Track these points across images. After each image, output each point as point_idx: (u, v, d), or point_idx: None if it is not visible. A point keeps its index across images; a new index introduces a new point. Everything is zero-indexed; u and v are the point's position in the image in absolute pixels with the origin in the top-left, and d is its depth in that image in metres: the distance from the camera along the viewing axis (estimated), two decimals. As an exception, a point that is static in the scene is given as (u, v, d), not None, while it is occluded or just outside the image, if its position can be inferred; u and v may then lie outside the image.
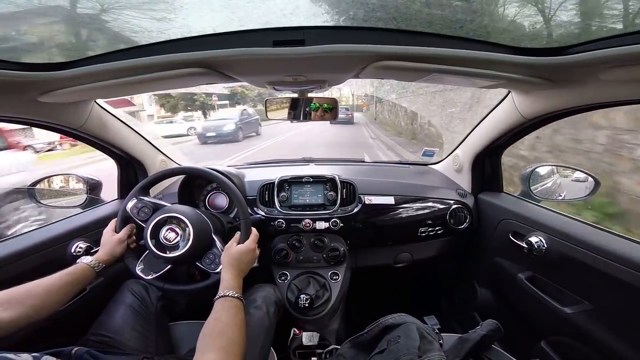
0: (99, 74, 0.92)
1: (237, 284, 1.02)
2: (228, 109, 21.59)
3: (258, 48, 0.83)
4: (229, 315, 0.90)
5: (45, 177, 1.54)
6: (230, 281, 1.01)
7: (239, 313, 0.93)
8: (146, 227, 1.16)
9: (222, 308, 0.92)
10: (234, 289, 0.98)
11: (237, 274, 1.05)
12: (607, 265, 1.01)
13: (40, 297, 0.92)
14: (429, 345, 0.96)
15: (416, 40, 0.86)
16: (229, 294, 0.96)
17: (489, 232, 1.60)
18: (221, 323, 0.88)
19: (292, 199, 1.62)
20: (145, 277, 1.18)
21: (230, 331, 0.86)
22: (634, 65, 0.74)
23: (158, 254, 1.14)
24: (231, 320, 0.89)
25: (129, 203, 1.24)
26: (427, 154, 2.15)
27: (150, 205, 1.24)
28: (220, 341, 0.82)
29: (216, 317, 0.90)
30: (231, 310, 0.92)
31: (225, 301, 0.95)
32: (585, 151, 3.40)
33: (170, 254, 1.14)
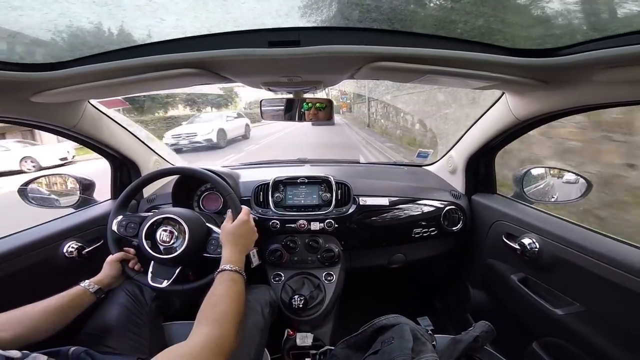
0: (92, 74, 0.92)
1: (235, 258, 1.03)
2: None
3: (253, 49, 0.83)
4: (224, 288, 0.92)
5: (38, 177, 1.53)
6: (228, 256, 1.03)
7: (235, 285, 0.94)
8: (141, 229, 1.16)
9: (219, 282, 0.94)
10: (232, 263, 1.00)
11: (236, 249, 1.07)
12: (598, 267, 1.02)
13: (36, 319, 0.92)
14: (422, 346, 0.96)
15: (411, 41, 0.86)
16: (227, 268, 0.98)
17: (482, 233, 1.61)
18: (215, 296, 0.89)
19: (286, 199, 1.62)
20: (160, 286, 1.17)
21: (224, 302, 0.87)
22: (627, 67, 0.75)
23: (154, 255, 1.14)
24: (225, 292, 0.91)
25: (113, 223, 1.23)
26: (421, 155, 2.15)
27: (136, 220, 1.23)
28: (213, 313, 0.84)
29: (212, 291, 0.91)
30: (226, 283, 0.94)
31: (222, 275, 0.97)
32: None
33: (166, 255, 1.14)
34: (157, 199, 1.70)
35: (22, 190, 1.47)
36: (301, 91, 1.31)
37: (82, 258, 1.33)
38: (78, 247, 1.32)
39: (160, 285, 1.17)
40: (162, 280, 1.17)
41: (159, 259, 1.15)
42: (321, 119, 1.36)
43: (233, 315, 0.85)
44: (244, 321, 0.92)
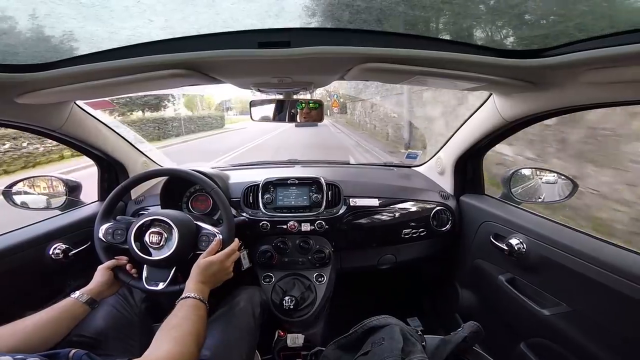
0: (79, 75, 0.90)
1: (198, 289, 1.02)
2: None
3: (243, 49, 0.83)
4: (185, 312, 0.92)
5: (23, 179, 1.50)
6: (192, 287, 1.02)
7: (197, 310, 0.94)
8: (129, 234, 1.15)
9: (180, 307, 0.95)
10: (196, 292, 1.00)
11: (200, 282, 1.05)
12: (584, 267, 1.03)
13: (29, 333, 0.90)
14: (412, 347, 0.97)
15: (401, 42, 0.87)
16: (190, 295, 0.98)
17: (470, 234, 1.62)
18: (176, 318, 0.90)
19: (277, 200, 1.61)
20: (156, 289, 1.15)
21: (185, 324, 0.87)
22: (612, 68, 0.76)
23: (145, 258, 1.13)
24: (186, 315, 0.91)
25: (100, 232, 1.20)
26: (410, 156, 2.17)
27: (123, 226, 1.20)
28: (174, 332, 0.84)
29: (173, 313, 0.92)
30: (188, 308, 0.94)
31: (184, 301, 0.97)
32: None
33: (157, 256, 1.12)
34: (146, 200, 1.68)
35: (7, 192, 1.44)
36: (291, 92, 1.31)
37: (68, 260, 1.31)
38: (64, 249, 1.31)
39: (156, 288, 1.15)
40: (157, 283, 1.15)
41: (151, 261, 1.13)
42: (312, 119, 1.36)
43: (194, 336, 0.86)
44: (203, 345, 0.92)
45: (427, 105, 7.95)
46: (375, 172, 2.15)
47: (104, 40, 0.91)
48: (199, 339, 0.88)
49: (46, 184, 1.57)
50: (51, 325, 0.95)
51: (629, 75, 0.76)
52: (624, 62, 0.73)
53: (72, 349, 0.85)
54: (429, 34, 0.94)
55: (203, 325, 0.93)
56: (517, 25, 0.94)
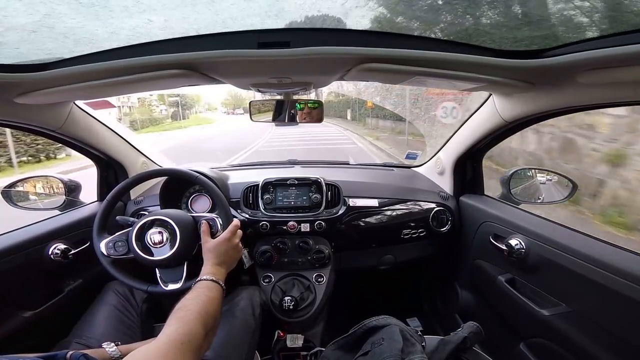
0: (78, 75, 0.90)
1: (211, 271, 1.01)
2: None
3: (242, 50, 0.83)
4: (195, 293, 0.91)
5: (23, 179, 1.50)
6: (208, 270, 1.01)
7: (208, 291, 0.93)
8: (131, 231, 1.14)
9: (193, 289, 0.93)
10: (210, 274, 0.98)
11: (215, 264, 1.05)
12: (583, 268, 1.03)
13: None
14: (412, 347, 0.97)
15: (400, 42, 0.87)
16: (204, 277, 0.97)
17: (470, 234, 1.62)
18: (185, 299, 0.87)
19: (276, 201, 1.61)
20: (177, 287, 1.14)
21: (192, 304, 0.85)
22: (611, 68, 0.76)
23: (144, 257, 1.12)
24: (196, 296, 0.89)
25: (101, 248, 1.17)
26: (410, 156, 2.17)
27: (123, 237, 1.17)
28: (179, 313, 0.81)
29: (185, 296, 0.90)
30: (199, 290, 0.92)
31: (198, 284, 0.96)
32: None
33: (157, 257, 1.12)
34: (145, 200, 1.68)
35: (6, 192, 1.44)
36: (291, 92, 1.31)
37: (67, 260, 1.31)
38: (64, 249, 1.30)
39: (176, 286, 1.14)
40: (174, 282, 1.15)
41: (158, 262, 1.13)
42: (312, 120, 1.36)
43: (201, 315, 0.82)
44: (216, 326, 0.89)
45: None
46: (374, 172, 2.15)
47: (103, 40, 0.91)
48: (207, 319, 0.83)
49: (45, 184, 1.57)
50: None
51: (628, 76, 0.76)
52: (623, 62, 0.73)
53: (69, 351, 0.84)
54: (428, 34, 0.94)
55: (214, 305, 0.89)
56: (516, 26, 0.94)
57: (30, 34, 0.89)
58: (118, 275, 1.16)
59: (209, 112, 39.05)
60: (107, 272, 1.17)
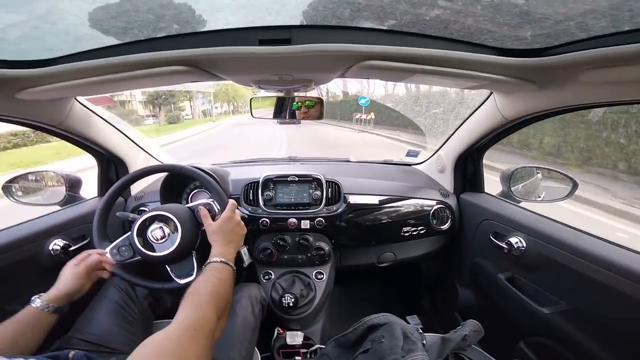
0: (80, 71, 0.90)
1: (220, 252, 1.01)
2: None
3: (243, 46, 0.83)
4: (206, 276, 0.90)
5: (23, 174, 1.50)
6: (217, 251, 1.02)
7: (218, 272, 0.92)
8: (132, 226, 1.14)
9: (203, 272, 0.93)
10: (219, 255, 0.99)
11: (224, 244, 1.05)
12: (583, 266, 1.03)
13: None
14: (412, 345, 0.97)
15: (401, 40, 0.87)
16: (213, 260, 0.97)
17: (470, 232, 1.63)
18: (196, 284, 0.87)
19: (276, 198, 1.61)
20: (192, 278, 1.13)
21: (203, 288, 0.84)
22: (613, 67, 0.76)
23: (149, 254, 1.12)
24: (206, 278, 0.89)
25: (108, 256, 1.14)
26: (411, 154, 2.17)
27: (126, 242, 1.15)
28: (191, 299, 0.80)
29: (195, 280, 0.89)
30: (209, 272, 0.92)
31: (207, 266, 0.96)
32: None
33: (161, 252, 1.12)
34: (145, 196, 1.68)
35: (7, 187, 1.44)
36: (292, 89, 1.31)
37: (67, 256, 1.31)
38: (64, 245, 1.30)
39: (191, 278, 1.14)
40: (187, 275, 1.15)
41: (163, 257, 1.13)
42: (312, 117, 1.36)
43: (213, 298, 0.81)
44: (228, 308, 0.88)
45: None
46: (375, 169, 2.15)
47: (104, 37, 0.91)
48: (219, 301, 0.82)
49: (46, 179, 1.57)
50: (18, 339, 0.87)
51: (629, 74, 0.76)
52: (625, 61, 0.73)
53: (71, 350, 0.84)
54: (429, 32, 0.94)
55: (225, 287, 0.89)
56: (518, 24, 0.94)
57: (32, 30, 0.89)
58: (131, 278, 1.15)
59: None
60: (122, 278, 1.15)
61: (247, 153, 9.38)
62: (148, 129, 21.06)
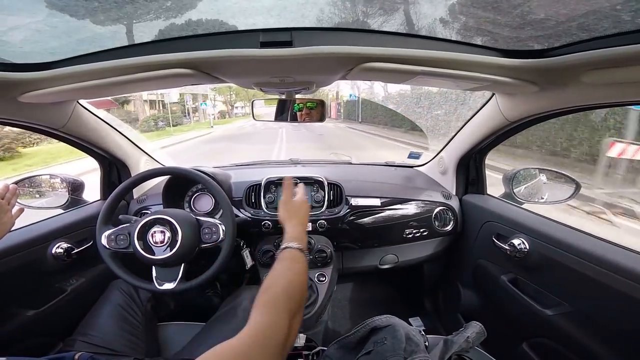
0: (81, 74, 0.90)
1: (298, 234, 0.97)
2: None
3: (244, 49, 0.83)
4: (281, 267, 0.85)
5: (26, 177, 1.51)
6: (291, 232, 0.98)
7: (294, 263, 0.87)
8: (133, 228, 1.14)
9: (277, 261, 0.87)
10: (295, 240, 0.94)
11: (298, 224, 1.02)
12: (586, 267, 1.03)
13: None
14: (415, 346, 0.97)
15: (403, 42, 0.87)
16: (289, 245, 0.92)
17: (473, 234, 1.62)
18: (270, 277, 0.82)
19: (278, 200, 1.61)
20: (169, 288, 1.15)
21: (277, 284, 0.79)
22: (615, 68, 0.76)
23: (152, 258, 1.12)
24: (281, 272, 0.84)
25: (102, 239, 1.18)
26: (412, 156, 2.16)
27: (125, 231, 1.19)
28: (264, 297, 0.76)
29: (270, 272, 0.84)
30: (285, 262, 0.87)
31: (282, 253, 0.90)
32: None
33: (159, 255, 1.12)
34: (148, 199, 1.68)
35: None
36: (293, 92, 1.31)
37: (70, 259, 1.31)
38: (67, 248, 1.30)
39: (169, 287, 1.15)
40: (168, 282, 1.16)
41: (158, 261, 1.13)
42: (313, 119, 1.36)
43: (288, 296, 0.75)
44: (303, 304, 0.82)
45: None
46: (377, 171, 2.14)
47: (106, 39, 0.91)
48: (294, 300, 0.76)
49: (49, 183, 1.57)
50: None
51: (632, 75, 0.76)
52: (627, 62, 0.73)
53: (77, 352, 0.85)
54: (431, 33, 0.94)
55: (301, 280, 0.83)
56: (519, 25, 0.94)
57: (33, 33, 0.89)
58: (115, 268, 1.18)
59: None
60: (104, 263, 1.18)
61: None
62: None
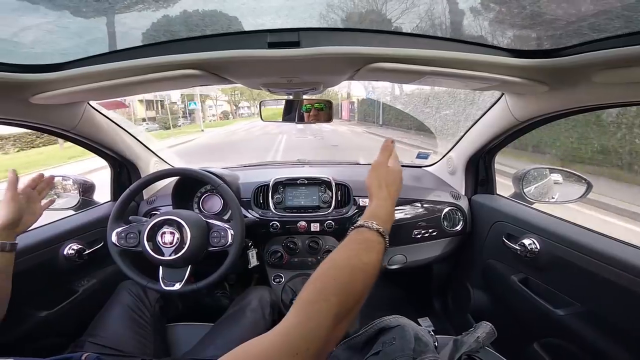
0: (92, 75, 0.91)
1: (384, 212, 0.79)
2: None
3: (252, 50, 0.83)
4: (344, 252, 0.68)
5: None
6: (374, 208, 0.80)
7: (365, 252, 0.68)
8: (141, 236, 1.16)
9: (345, 242, 0.70)
10: (377, 218, 0.76)
11: (388, 197, 0.82)
12: (598, 267, 1.01)
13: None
14: (424, 347, 0.96)
15: (411, 42, 0.86)
16: (366, 224, 0.73)
17: (482, 234, 1.61)
18: (326, 263, 0.65)
19: (286, 200, 1.62)
20: (174, 289, 1.16)
21: (331, 276, 0.62)
22: (626, 68, 0.75)
23: (160, 259, 1.13)
24: (341, 261, 0.65)
25: (112, 237, 1.21)
26: (421, 156, 2.15)
27: (134, 229, 1.21)
28: (310, 292, 0.59)
29: (329, 256, 0.67)
30: (352, 245, 0.69)
31: (355, 232, 0.73)
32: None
33: (168, 256, 1.13)
34: (157, 200, 1.70)
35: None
36: (301, 92, 1.31)
37: (82, 260, 1.33)
38: (78, 249, 1.32)
39: (173, 288, 1.16)
40: (174, 283, 1.17)
41: (165, 261, 1.14)
42: (321, 120, 1.36)
43: (337, 294, 0.58)
44: (360, 304, 0.62)
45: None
46: None
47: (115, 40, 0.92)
48: (345, 301, 0.58)
49: (60, 184, 1.59)
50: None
51: None
52: (638, 62, 0.72)
53: (84, 352, 0.85)
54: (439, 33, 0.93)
55: (365, 276, 0.64)
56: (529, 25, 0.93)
57: (45, 34, 0.90)
58: (123, 265, 1.19)
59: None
60: (114, 264, 1.20)
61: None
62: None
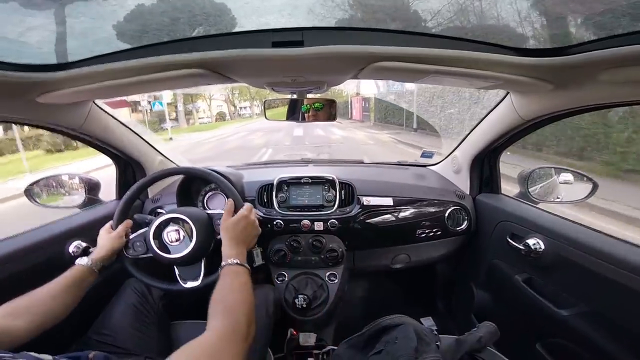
0: (97, 75, 0.92)
1: (235, 252, 1.03)
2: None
3: (257, 49, 0.83)
4: (227, 281, 0.93)
5: (44, 177, 1.54)
6: (228, 251, 1.04)
7: (238, 277, 0.95)
8: (148, 230, 1.16)
9: (222, 277, 0.95)
10: (233, 256, 1.01)
11: (234, 243, 1.07)
12: (603, 267, 1.01)
13: (46, 303, 0.93)
14: (426, 346, 0.96)
15: (415, 40, 0.86)
16: (228, 262, 0.99)
17: (486, 233, 1.60)
18: (220, 290, 0.90)
19: (290, 199, 1.62)
20: (196, 285, 1.17)
21: (229, 294, 0.88)
22: (632, 66, 0.74)
23: (172, 259, 1.14)
24: (229, 285, 0.91)
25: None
26: (425, 155, 2.15)
27: (140, 238, 1.20)
28: (220, 306, 0.84)
29: (217, 287, 0.91)
30: (229, 276, 0.95)
31: (224, 270, 0.98)
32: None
33: (175, 254, 1.14)
34: (162, 199, 1.71)
35: (29, 190, 1.47)
36: (305, 91, 1.31)
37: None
38: (84, 247, 1.32)
39: (195, 284, 1.17)
40: (193, 280, 1.17)
41: (176, 259, 1.15)
42: (325, 119, 1.37)
43: (241, 304, 0.85)
44: (254, 312, 0.90)
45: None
46: (389, 171, 2.13)
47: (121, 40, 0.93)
48: (247, 307, 0.86)
49: (66, 183, 1.61)
50: (65, 294, 0.98)
51: None
52: None
53: (91, 351, 0.86)
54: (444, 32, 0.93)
55: (247, 291, 0.92)
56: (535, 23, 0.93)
57: (50, 34, 0.91)
58: (138, 274, 1.19)
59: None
60: (128, 272, 1.19)
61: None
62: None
